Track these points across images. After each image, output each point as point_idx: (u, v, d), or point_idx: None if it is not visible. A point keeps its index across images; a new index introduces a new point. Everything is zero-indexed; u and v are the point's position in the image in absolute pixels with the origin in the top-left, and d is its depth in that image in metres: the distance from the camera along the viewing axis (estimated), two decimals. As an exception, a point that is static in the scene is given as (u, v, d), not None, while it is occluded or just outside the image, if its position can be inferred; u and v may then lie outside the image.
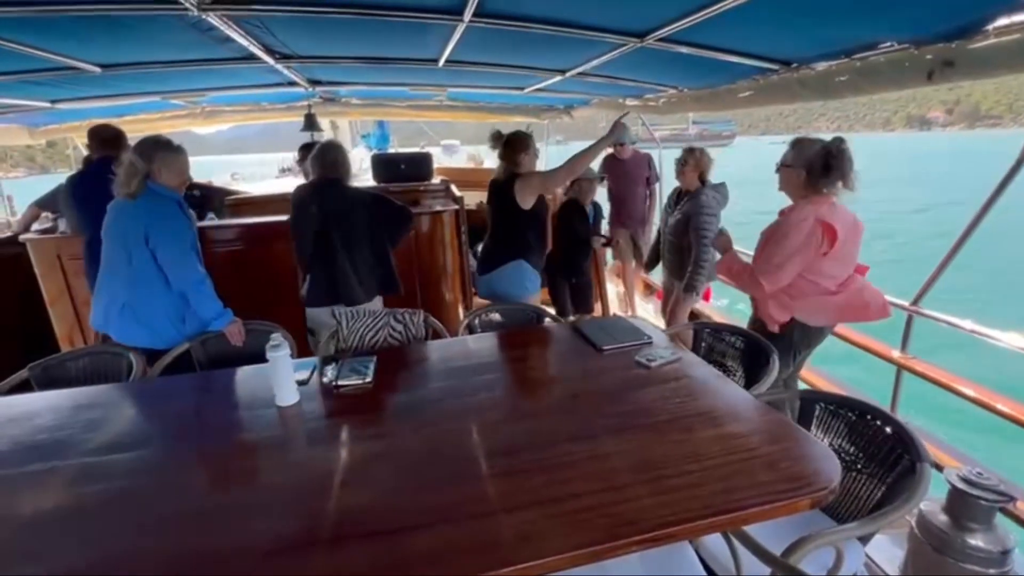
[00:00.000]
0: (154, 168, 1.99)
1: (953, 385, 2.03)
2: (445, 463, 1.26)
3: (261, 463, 1.36)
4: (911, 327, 2.27)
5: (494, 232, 2.75)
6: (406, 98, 4.82)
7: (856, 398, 1.54)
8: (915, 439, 1.29)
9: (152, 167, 1.98)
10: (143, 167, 1.96)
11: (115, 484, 1.25)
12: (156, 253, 1.98)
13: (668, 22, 1.95)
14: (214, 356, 2.15)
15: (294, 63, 2.90)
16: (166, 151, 2.02)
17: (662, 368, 1.70)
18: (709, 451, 1.23)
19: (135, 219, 1.97)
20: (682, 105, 3.63)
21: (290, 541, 1.03)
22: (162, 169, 2.01)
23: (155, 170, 1.99)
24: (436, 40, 2.43)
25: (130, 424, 1.56)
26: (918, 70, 1.80)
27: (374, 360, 1.79)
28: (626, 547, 0.98)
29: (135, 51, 2.38)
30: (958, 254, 2.11)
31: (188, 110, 4.40)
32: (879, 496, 1.36)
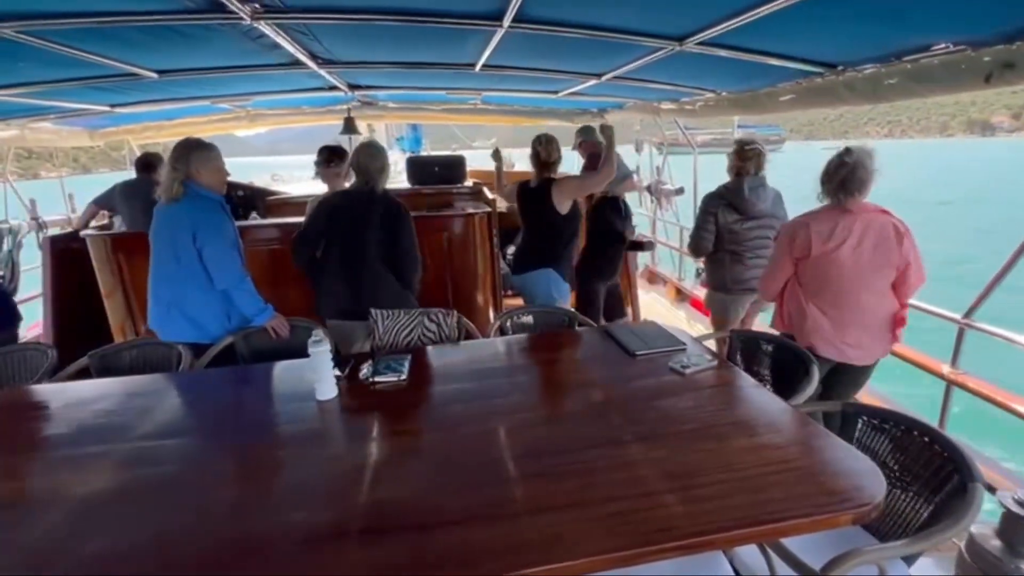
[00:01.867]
0: (192, 170, 2.07)
1: (1008, 403, 1.93)
2: (476, 462, 1.28)
3: (299, 454, 1.41)
4: (962, 341, 2.17)
5: (528, 236, 2.81)
6: (442, 101, 4.89)
7: (902, 413, 1.48)
8: (966, 458, 1.23)
9: (190, 169, 2.06)
10: (183, 170, 2.05)
11: (164, 468, 1.32)
12: (202, 252, 2.07)
13: (708, 25, 1.93)
14: (256, 350, 2.24)
15: (336, 68, 2.99)
16: (199, 151, 2.09)
17: (696, 375, 1.68)
18: (744, 461, 1.21)
19: (181, 221, 2.06)
20: (720, 109, 3.56)
21: (323, 531, 1.06)
22: (200, 170, 2.08)
23: (193, 172, 2.07)
24: (474, 45, 2.46)
25: (178, 412, 1.64)
26: (975, 72, 1.72)
27: (409, 358, 1.83)
28: (659, 553, 0.98)
29: (190, 58, 2.50)
30: (1015, 267, 2.01)
31: (234, 113, 4.59)
32: (925, 516, 1.31)
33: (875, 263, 1.89)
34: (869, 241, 1.88)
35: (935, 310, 2.31)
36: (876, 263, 1.89)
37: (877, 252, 1.88)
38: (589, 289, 3.36)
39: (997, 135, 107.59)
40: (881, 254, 1.88)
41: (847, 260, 1.90)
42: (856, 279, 1.92)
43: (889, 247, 1.87)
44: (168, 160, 2.09)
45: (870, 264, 1.89)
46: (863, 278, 1.91)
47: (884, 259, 1.88)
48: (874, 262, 1.89)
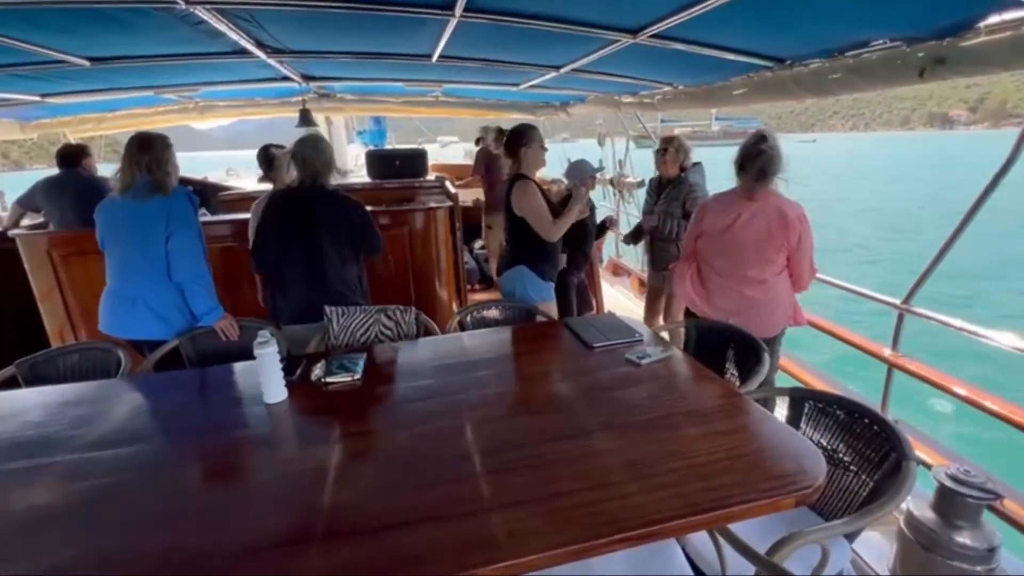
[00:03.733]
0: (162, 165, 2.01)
1: (944, 384, 2.04)
2: (434, 461, 1.26)
3: (249, 460, 1.36)
4: (902, 325, 2.27)
5: (507, 234, 2.69)
6: (402, 94, 4.80)
7: (845, 396, 1.54)
8: (901, 437, 1.29)
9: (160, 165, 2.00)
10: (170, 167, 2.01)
11: (101, 481, 1.24)
12: (170, 240, 2.00)
13: (660, 18, 1.94)
14: (204, 352, 2.14)
15: (286, 58, 2.89)
16: (165, 146, 2.03)
17: (652, 366, 1.70)
18: (695, 449, 1.23)
19: (155, 215, 1.99)
20: (677, 102, 3.62)
21: (277, 539, 1.02)
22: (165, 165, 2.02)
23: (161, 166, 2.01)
24: (429, 35, 2.41)
25: (118, 421, 1.55)
26: (910, 68, 1.80)
27: (364, 357, 1.78)
28: (610, 545, 0.98)
29: (124, 45, 2.36)
30: (948, 253, 2.11)
31: (181, 104, 4.38)
32: (866, 493, 1.36)
33: (759, 244, 2.04)
34: (756, 223, 2.04)
35: (876, 296, 2.42)
36: (760, 245, 2.04)
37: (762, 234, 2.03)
38: (562, 283, 3.36)
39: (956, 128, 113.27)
40: (765, 237, 2.02)
41: (734, 239, 2.10)
42: (741, 257, 2.10)
43: (773, 232, 2.00)
44: (129, 153, 1.99)
45: (754, 245, 2.05)
46: (747, 257, 2.08)
47: (768, 242, 2.02)
48: (758, 243, 2.04)
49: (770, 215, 2.01)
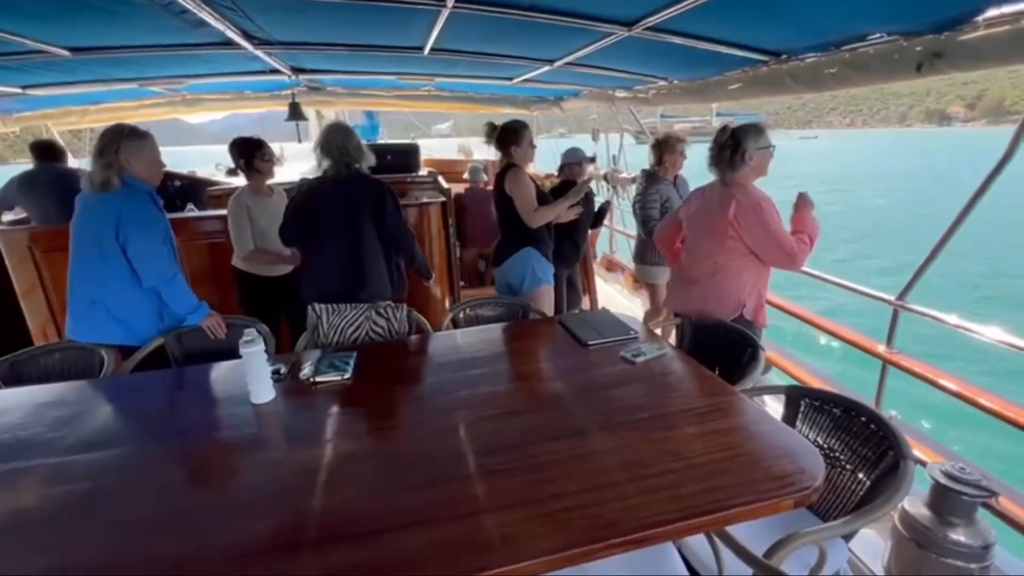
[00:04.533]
0: (123, 160, 1.90)
1: (937, 380, 2.03)
2: (426, 462, 1.23)
3: (235, 463, 1.32)
4: (897, 322, 2.27)
5: (501, 225, 2.72)
6: (393, 87, 4.73)
7: (841, 394, 1.53)
8: (898, 436, 1.28)
9: (120, 159, 1.90)
10: (111, 159, 1.88)
11: (81, 486, 1.20)
12: (126, 247, 1.91)
13: (656, 10, 1.91)
14: (190, 351, 2.10)
15: (275, 49, 2.82)
16: (130, 139, 1.92)
17: (647, 364, 1.68)
18: (692, 449, 1.21)
19: (105, 213, 1.89)
20: (672, 97, 3.59)
21: (265, 545, 0.99)
22: (131, 159, 1.92)
23: (124, 162, 1.91)
24: (420, 27, 2.36)
25: (99, 422, 1.50)
26: (907, 62, 1.78)
27: (354, 356, 1.75)
28: (607, 550, 0.96)
29: (105, 35, 2.29)
30: (943, 250, 2.11)
31: (168, 98, 4.28)
32: (863, 492, 1.35)
33: (705, 229, 2.10)
34: (708, 209, 2.09)
35: (871, 292, 2.41)
36: (706, 229, 2.10)
37: (709, 219, 2.08)
38: None
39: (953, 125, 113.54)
40: (711, 222, 2.06)
41: (689, 225, 2.22)
42: (692, 243, 2.21)
43: (718, 217, 2.03)
44: (95, 148, 1.91)
45: (702, 229, 2.13)
46: (697, 242, 2.17)
47: (713, 226, 2.05)
48: (705, 227, 2.11)
49: (717, 204, 2.05)
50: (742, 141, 1.98)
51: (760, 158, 2.01)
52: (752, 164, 2.00)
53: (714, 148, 2.07)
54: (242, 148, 2.64)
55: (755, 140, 1.99)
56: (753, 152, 1.98)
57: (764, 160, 2.03)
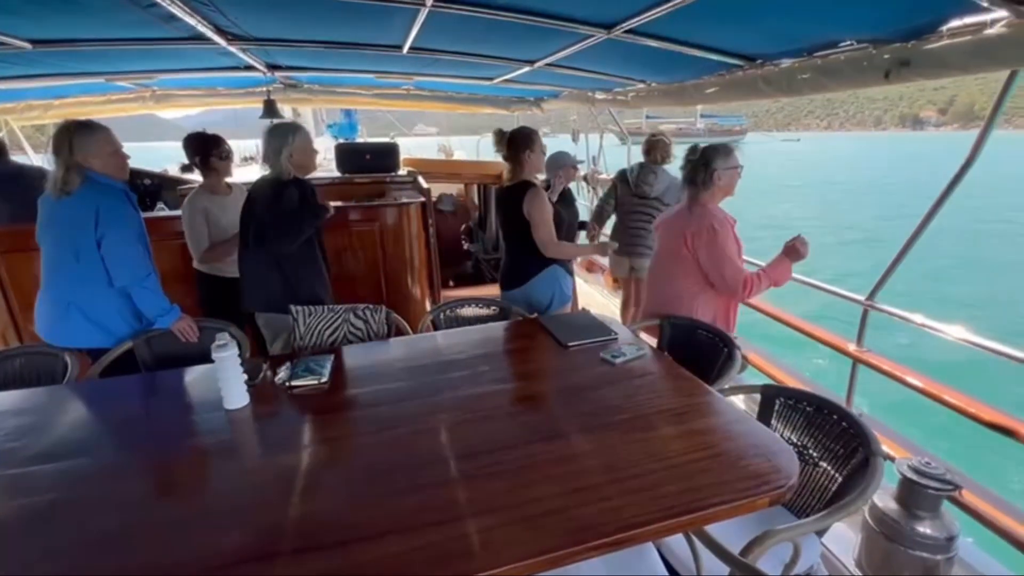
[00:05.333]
0: (78, 156, 1.83)
1: (904, 377, 2.10)
2: (405, 467, 1.22)
3: (207, 471, 1.28)
4: (866, 321, 2.33)
5: (511, 244, 2.53)
6: (372, 86, 4.67)
7: (813, 392, 1.56)
8: (868, 433, 1.31)
9: (75, 156, 1.82)
10: (66, 157, 1.81)
11: (44, 498, 1.15)
12: (102, 243, 1.84)
13: (635, 14, 1.93)
14: (160, 355, 2.03)
15: (249, 45, 2.75)
16: (81, 134, 1.84)
17: (626, 365, 1.69)
18: (671, 449, 1.23)
19: (82, 213, 1.82)
20: (650, 99, 3.63)
21: (240, 556, 0.96)
22: (87, 155, 1.84)
23: (80, 158, 1.83)
24: (399, 25, 2.34)
25: (63, 431, 1.45)
26: (876, 69, 1.83)
27: (331, 359, 1.72)
28: (586, 552, 0.96)
29: (69, 27, 2.20)
30: (911, 251, 2.17)
31: (136, 93, 4.15)
32: (835, 488, 1.39)
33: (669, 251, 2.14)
34: (672, 230, 2.14)
35: (841, 292, 2.48)
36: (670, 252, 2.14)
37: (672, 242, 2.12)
38: None
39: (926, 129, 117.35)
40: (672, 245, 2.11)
41: (658, 246, 2.27)
42: (657, 263, 2.27)
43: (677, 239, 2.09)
44: (53, 146, 1.83)
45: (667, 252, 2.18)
46: (662, 263, 2.23)
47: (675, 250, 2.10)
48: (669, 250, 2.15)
49: (681, 224, 2.09)
50: (711, 161, 2.02)
51: (728, 178, 2.06)
52: (721, 184, 2.05)
53: (686, 166, 2.11)
54: (197, 144, 2.53)
55: (724, 160, 2.03)
56: (722, 172, 2.03)
57: (732, 180, 2.08)
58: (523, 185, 2.39)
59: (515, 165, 2.43)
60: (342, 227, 3.12)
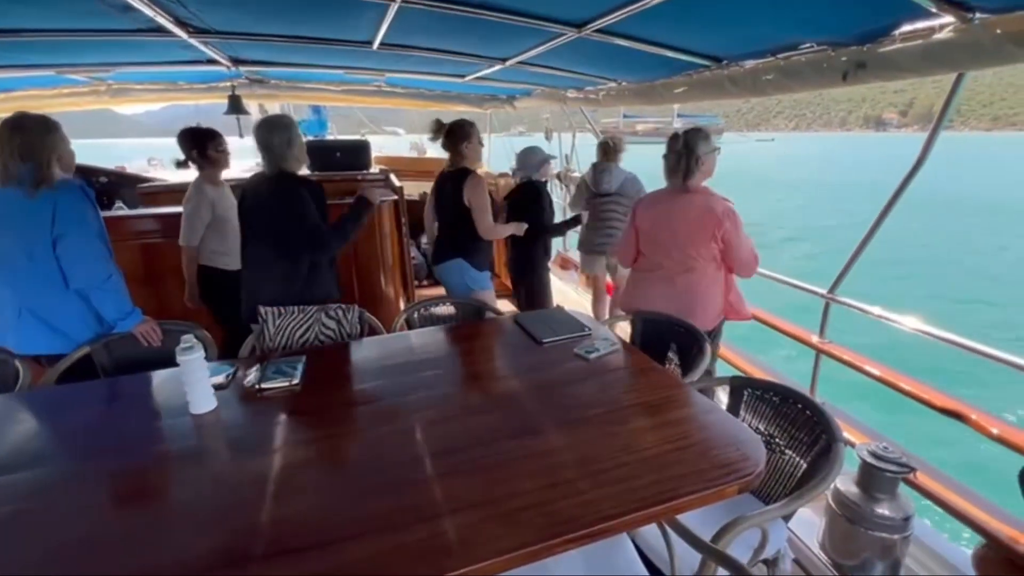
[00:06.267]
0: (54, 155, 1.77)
1: (863, 367, 2.20)
2: (380, 468, 1.20)
3: (173, 477, 1.24)
4: (828, 314, 2.43)
5: (441, 225, 2.73)
6: (342, 82, 4.58)
7: (779, 383, 1.62)
8: (830, 420, 1.37)
9: (53, 155, 1.76)
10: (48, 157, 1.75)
11: (2, 510, 1.09)
12: (58, 243, 1.75)
13: (604, 13, 1.95)
14: (121, 360, 1.95)
15: (212, 38, 2.66)
16: (55, 132, 1.78)
17: (600, 359, 1.72)
18: (644, 441, 1.25)
19: (36, 213, 1.73)
20: (621, 98, 3.68)
21: (211, 563, 0.94)
22: (61, 154, 1.79)
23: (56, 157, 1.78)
24: (369, 20, 2.30)
25: (16, 442, 1.37)
26: (834, 71, 1.90)
27: (303, 360, 1.68)
28: (563, 545, 0.97)
29: (14, 15, 2.08)
30: (868, 246, 2.27)
31: (91, 87, 3.96)
32: (800, 474, 1.44)
33: (684, 237, 2.11)
34: (682, 217, 2.11)
35: (804, 286, 2.57)
36: (685, 237, 2.11)
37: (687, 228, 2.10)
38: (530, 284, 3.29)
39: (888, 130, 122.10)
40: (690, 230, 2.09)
41: (655, 231, 2.19)
42: (668, 249, 2.16)
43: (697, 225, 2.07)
44: (18, 147, 1.73)
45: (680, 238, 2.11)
46: (673, 249, 2.13)
47: (693, 235, 2.09)
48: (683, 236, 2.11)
49: (697, 209, 2.08)
50: (695, 147, 2.06)
51: (710, 161, 2.11)
52: (704, 168, 2.09)
53: (670, 156, 2.12)
54: (195, 138, 2.52)
55: (705, 144, 2.08)
56: (704, 157, 2.08)
57: (712, 163, 2.13)
58: (463, 172, 2.54)
59: (454, 155, 2.60)
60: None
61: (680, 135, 2.11)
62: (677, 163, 2.10)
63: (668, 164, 2.14)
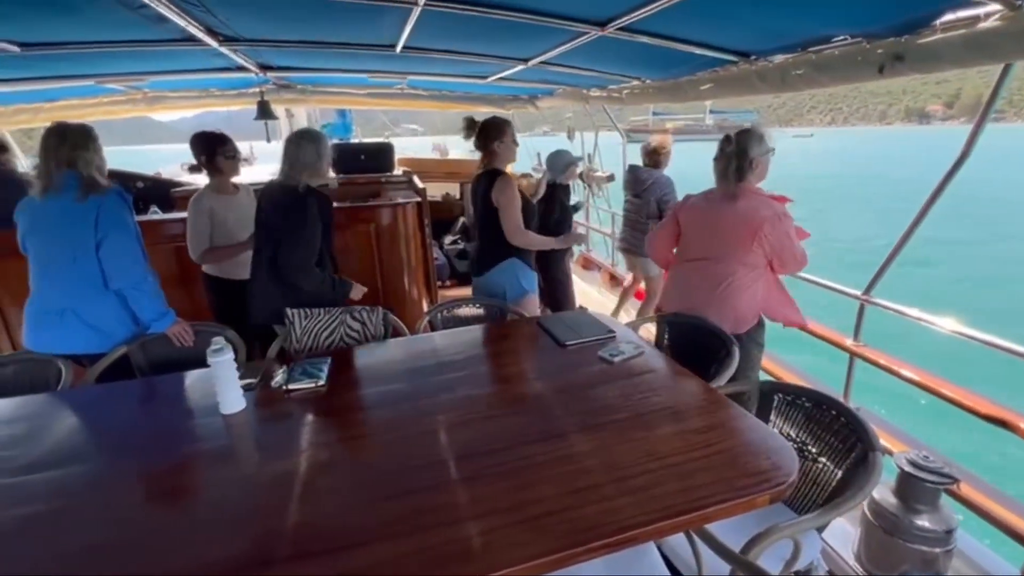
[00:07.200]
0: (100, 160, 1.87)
1: (900, 371, 2.11)
2: (404, 470, 1.21)
3: (204, 477, 1.27)
4: (863, 316, 2.34)
5: (481, 232, 2.55)
6: (365, 85, 4.65)
7: (811, 388, 1.56)
8: (867, 428, 1.31)
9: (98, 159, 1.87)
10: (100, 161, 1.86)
11: (41, 507, 1.14)
12: (100, 246, 1.83)
13: (628, 10, 1.92)
14: (155, 361, 2.02)
15: (241, 46, 2.73)
16: (95, 140, 1.87)
17: (625, 363, 1.69)
18: (671, 448, 1.22)
19: (83, 216, 1.82)
20: (645, 96, 3.63)
21: (236, 564, 0.95)
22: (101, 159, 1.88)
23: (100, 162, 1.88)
24: (392, 24, 2.32)
25: (56, 439, 1.43)
26: (870, 64, 1.83)
27: (328, 361, 1.71)
28: (588, 553, 0.95)
29: (59, 29, 2.18)
30: (906, 246, 2.18)
31: (127, 95, 4.11)
32: (835, 484, 1.39)
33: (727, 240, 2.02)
34: (727, 221, 2.02)
35: (838, 287, 2.48)
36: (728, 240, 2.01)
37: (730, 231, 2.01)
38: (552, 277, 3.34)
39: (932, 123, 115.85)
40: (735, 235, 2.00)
41: (696, 231, 2.14)
42: (702, 249, 2.10)
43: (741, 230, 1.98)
44: (45, 147, 1.82)
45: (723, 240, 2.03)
46: (716, 250, 2.05)
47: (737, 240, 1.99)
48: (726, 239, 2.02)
49: (740, 215, 2.00)
50: (748, 148, 1.96)
51: (764, 162, 2.01)
52: (757, 170, 2.00)
53: (721, 159, 2.02)
54: (204, 143, 2.51)
55: (759, 145, 1.97)
56: (759, 158, 1.98)
57: (767, 164, 2.03)
58: (493, 173, 2.40)
59: (486, 154, 2.45)
60: (338, 228, 3.10)
61: (732, 137, 2.01)
62: (727, 166, 1.99)
63: (718, 168, 2.04)
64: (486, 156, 2.45)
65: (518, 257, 2.48)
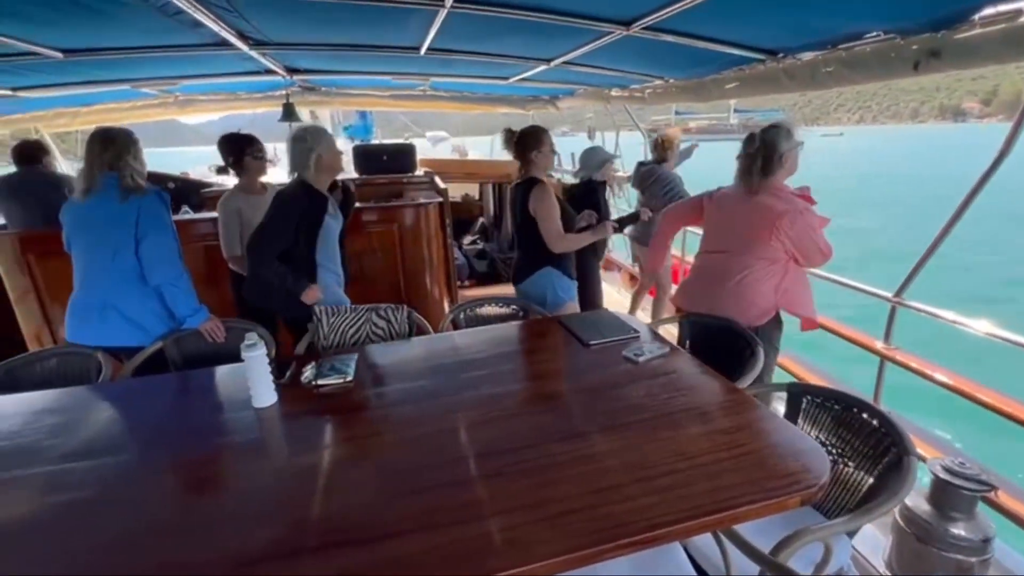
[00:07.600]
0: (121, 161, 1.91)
1: (932, 375, 2.05)
2: (429, 466, 1.22)
3: (237, 468, 1.31)
4: (894, 318, 2.29)
5: (519, 241, 2.56)
6: (389, 87, 4.71)
7: (841, 390, 1.53)
8: (901, 432, 1.28)
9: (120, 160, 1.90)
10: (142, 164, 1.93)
11: (79, 494, 1.19)
12: (140, 244, 1.91)
13: (654, 10, 1.91)
14: (189, 355, 2.08)
15: (270, 50, 2.80)
16: (124, 140, 1.93)
17: (650, 363, 1.68)
18: (698, 448, 1.21)
19: (125, 215, 1.89)
20: (668, 96, 3.60)
21: (266, 553, 0.98)
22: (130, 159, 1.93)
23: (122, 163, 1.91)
24: (417, 27, 2.36)
25: (98, 429, 1.49)
26: (904, 60, 1.79)
27: (355, 358, 1.74)
28: (613, 551, 0.96)
29: (98, 36, 2.26)
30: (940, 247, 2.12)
31: (160, 99, 4.25)
32: (866, 488, 1.36)
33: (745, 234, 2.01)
34: (747, 216, 2.01)
35: (869, 289, 2.43)
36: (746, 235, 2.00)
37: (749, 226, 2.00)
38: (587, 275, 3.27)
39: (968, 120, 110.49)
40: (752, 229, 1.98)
41: (717, 224, 2.16)
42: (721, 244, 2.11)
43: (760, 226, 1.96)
44: (90, 150, 1.90)
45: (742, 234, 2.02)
46: (733, 243, 2.05)
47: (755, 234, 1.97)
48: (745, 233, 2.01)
49: (758, 212, 1.98)
50: (776, 144, 1.93)
51: (792, 157, 1.98)
52: (786, 166, 1.97)
53: (745, 158, 2.00)
54: (232, 144, 2.58)
55: (787, 140, 1.94)
56: (787, 153, 1.95)
57: (796, 158, 1.99)
58: (530, 182, 2.39)
59: (524, 164, 2.45)
60: (361, 228, 3.16)
61: (756, 135, 1.98)
62: (751, 165, 1.97)
63: (740, 166, 2.03)
64: (524, 165, 2.45)
65: (554, 266, 2.47)
